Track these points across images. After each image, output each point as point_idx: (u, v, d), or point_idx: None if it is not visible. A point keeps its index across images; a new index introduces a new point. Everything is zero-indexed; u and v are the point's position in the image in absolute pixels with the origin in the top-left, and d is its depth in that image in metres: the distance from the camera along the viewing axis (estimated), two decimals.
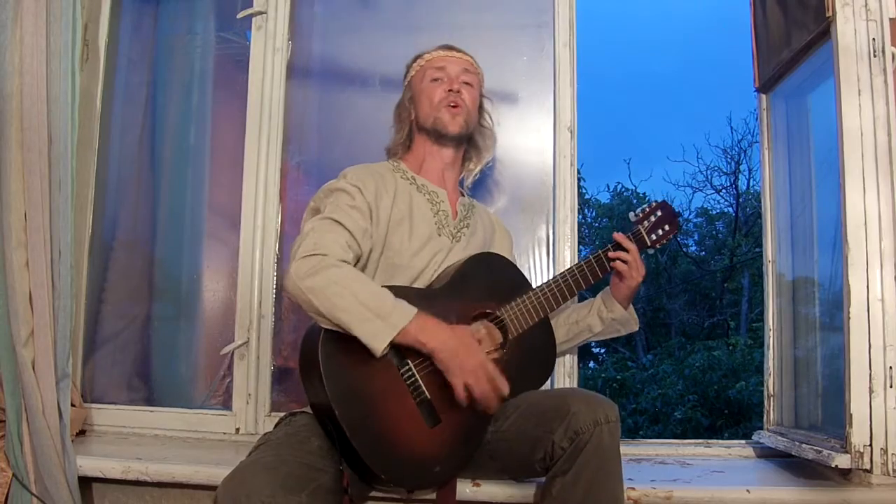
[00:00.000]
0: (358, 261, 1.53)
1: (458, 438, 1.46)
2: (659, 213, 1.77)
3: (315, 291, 1.36)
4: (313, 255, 1.40)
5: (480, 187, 2.10)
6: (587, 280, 1.68)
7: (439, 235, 1.63)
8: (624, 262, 1.68)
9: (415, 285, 1.58)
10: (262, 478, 1.24)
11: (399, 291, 1.45)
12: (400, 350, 1.41)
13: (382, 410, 1.39)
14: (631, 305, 1.75)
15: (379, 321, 1.36)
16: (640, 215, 1.77)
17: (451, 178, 1.73)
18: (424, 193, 1.67)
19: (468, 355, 1.42)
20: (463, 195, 1.78)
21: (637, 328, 1.78)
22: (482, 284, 1.59)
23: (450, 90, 1.68)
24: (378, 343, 1.36)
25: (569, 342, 1.79)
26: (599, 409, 1.35)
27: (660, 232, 1.76)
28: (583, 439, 1.33)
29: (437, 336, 1.40)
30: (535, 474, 1.48)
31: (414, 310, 1.39)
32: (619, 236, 1.71)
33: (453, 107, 1.68)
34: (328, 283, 1.37)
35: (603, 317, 1.73)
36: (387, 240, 1.57)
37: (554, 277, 1.66)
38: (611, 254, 1.69)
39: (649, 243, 1.75)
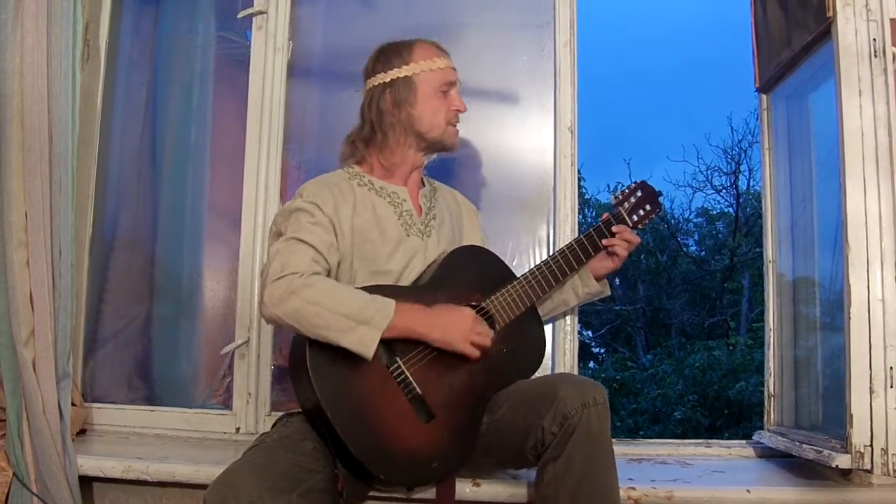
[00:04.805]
0: (328, 275, 1.51)
1: (454, 432, 1.46)
2: (639, 194, 1.76)
3: (292, 315, 1.36)
4: (282, 277, 1.39)
5: (481, 186, 2.10)
6: (571, 266, 1.67)
7: (408, 236, 1.60)
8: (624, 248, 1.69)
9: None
10: (251, 479, 1.24)
11: (384, 290, 1.45)
12: (388, 347, 1.42)
13: (375, 410, 1.39)
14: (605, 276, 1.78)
15: (363, 327, 1.36)
16: (620, 197, 1.76)
17: (416, 175, 1.69)
18: (384, 196, 1.62)
19: (457, 320, 1.46)
20: (424, 184, 1.73)
21: (609, 293, 1.81)
22: (467, 277, 1.59)
23: (457, 110, 1.65)
24: (367, 348, 1.36)
25: (545, 316, 1.80)
26: (587, 392, 1.37)
27: (641, 213, 1.76)
28: (571, 423, 1.34)
29: (423, 320, 1.43)
30: (528, 464, 1.48)
31: (392, 303, 1.40)
32: (626, 231, 1.70)
33: (455, 124, 1.66)
34: (303, 305, 1.36)
35: (578, 292, 1.76)
36: (356, 250, 1.55)
37: (538, 264, 1.65)
38: (606, 241, 1.69)
39: (631, 225, 1.74)
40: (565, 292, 1.77)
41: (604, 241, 1.69)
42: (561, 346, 1.98)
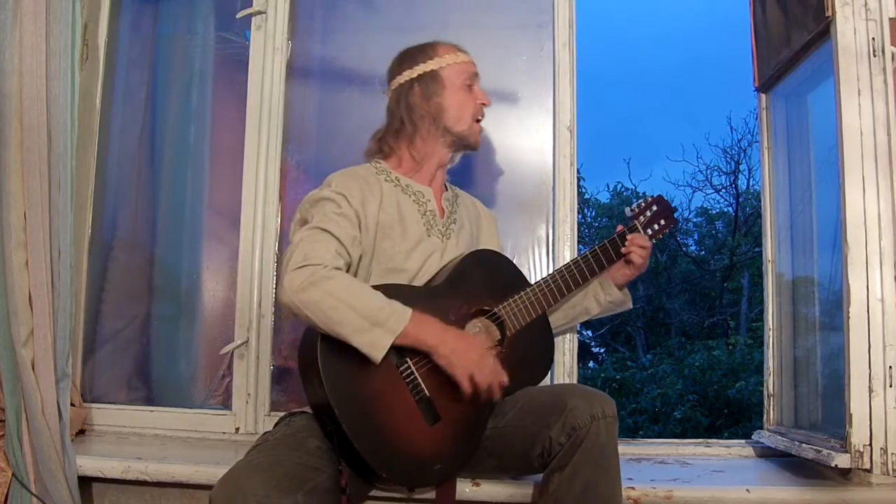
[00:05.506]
0: (349, 268, 1.52)
1: (458, 436, 1.46)
2: (655, 208, 1.79)
3: (310, 305, 1.36)
4: (304, 266, 1.39)
5: (480, 187, 2.10)
6: (584, 275, 1.68)
7: (429, 236, 1.62)
8: (639, 255, 1.71)
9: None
10: (257, 478, 1.24)
11: (397, 290, 1.46)
12: (399, 348, 1.41)
13: (382, 409, 1.40)
14: (626, 287, 1.79)
15: (377, 329, 1.36)
16: (637, 210, 1.80)
17: (440, 175, 1.71)
18: (410, 194, 1.64)
19: (468, 348, 1.43)
20: (447, 188, 1.76)
21: (632, 306, 1.82)
22: (480, 282, 1.59)
23: (483, 104, 1.69)
24: (377, 352, 1.36)
25: (567, 324, 1.82)
26: (597, 405, 1.37)
27: (656, 227, 1.79)
28: (580, 435, 1.35)
29: (435, 333, 1.42)
30: (533, 470, 1.48)
31: (409, 311, 1.40)
32: (637, 237, 1.72)
33: (480, 120, 1.70)
34: (322, 296, 1.36)
35: (600, 300, 1.76)
36: (377, 245, 1.56)
37: (552, 273, 1.66)
38: (623, 249, 1.71)
39: None
40: (587, 300, 1.78)
41: (621, 250, 1.71)
42: (560, 346, 1.98)
